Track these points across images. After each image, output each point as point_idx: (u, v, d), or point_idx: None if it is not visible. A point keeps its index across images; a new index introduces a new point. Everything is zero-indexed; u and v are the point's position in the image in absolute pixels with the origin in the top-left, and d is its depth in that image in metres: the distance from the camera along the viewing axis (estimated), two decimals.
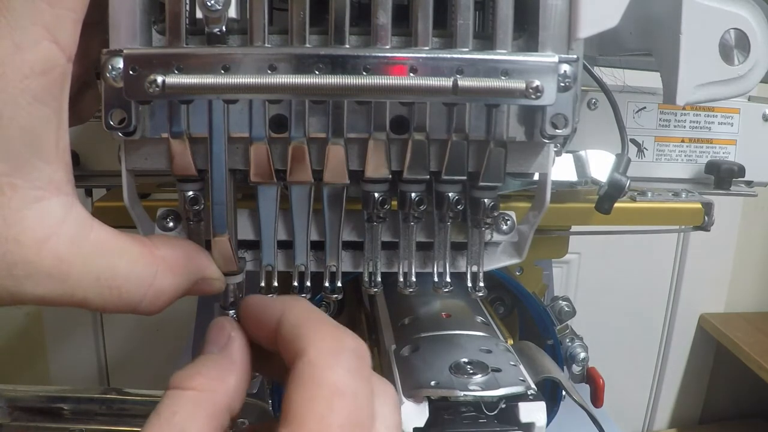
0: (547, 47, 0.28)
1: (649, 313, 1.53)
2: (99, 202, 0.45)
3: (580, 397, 0.40)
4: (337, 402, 0.22)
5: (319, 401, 0.22)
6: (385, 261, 0.36)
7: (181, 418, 0.23)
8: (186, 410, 0.23)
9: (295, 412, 0.22)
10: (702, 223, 0.50)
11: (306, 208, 0.33)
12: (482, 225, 0.34)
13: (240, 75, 0.25)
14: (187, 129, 0.29)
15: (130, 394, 0.44)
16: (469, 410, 0.36)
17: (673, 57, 0.33)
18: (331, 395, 0.22)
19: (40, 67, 0.22)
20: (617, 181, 0.39)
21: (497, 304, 0.55)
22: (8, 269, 0.22)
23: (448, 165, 0.31)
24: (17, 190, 0.22)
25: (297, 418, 0.22)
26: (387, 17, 0.27)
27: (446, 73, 0.26)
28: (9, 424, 0.43)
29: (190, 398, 0.24)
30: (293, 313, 0.25)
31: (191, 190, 0.31)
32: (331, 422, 0.22)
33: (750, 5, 0.33)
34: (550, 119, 0.29)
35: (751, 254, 1.54)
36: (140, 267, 0.25)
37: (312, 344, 0.24)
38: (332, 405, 0.22)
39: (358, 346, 0.25)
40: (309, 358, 0.23)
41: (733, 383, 1.59)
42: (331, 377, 0.23)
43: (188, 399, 0.24)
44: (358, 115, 0.30)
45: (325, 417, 0.22)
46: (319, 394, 0.22)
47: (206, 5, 0.26)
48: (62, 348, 1.33)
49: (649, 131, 0.51)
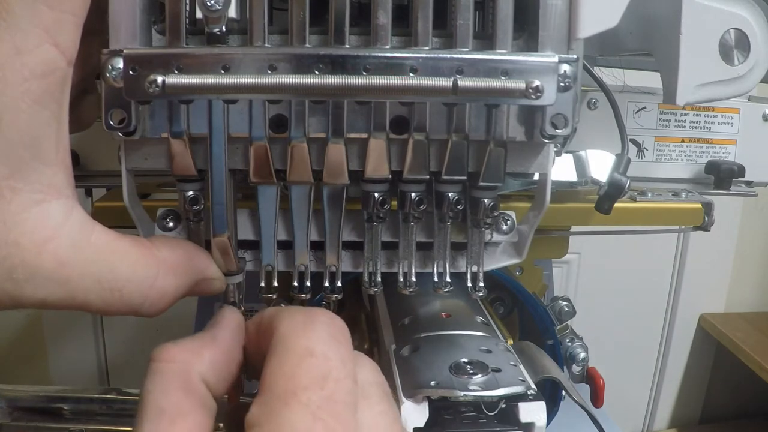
0: (547, 47, 0.28)
1: (649, 313, 1.53)
2: (99, 203, 0.45)
3: (580, 397, 0.40)
4: (306, 361, 0.22)
5: (289, 363, 0.22)
6: (385, 261, 0.36)
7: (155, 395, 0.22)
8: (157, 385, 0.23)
9: (267, 378, 0.22)
10: (702, 223, 0.50)
11: (306, 208, 0.33)
12: (482, 225, 0.34)
13: (240, 75, 0.25)
14: (187, 129, 0.29)
15: (130, 394, 0.44)
16: (469, 410, 0.36)
17: (673, 57, 0.33)
18: (301, 356, 0.22)
19: (40, 70, 0.22)
20: (617, 181, 0.39)
21: (497, 304, 0.55)
22: (8, 273, 0.22)
23: (448, 165, 0.31)
24: (17, 193, 0.22)
25: (268, 382, 0.22)
26: (387, 17, 0.27)
27: (446, 73, 0.26)
28: (9, 424, 0.43)
29: (160, 371, 0.23)
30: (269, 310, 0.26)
31: (191, 190, 0.31)
32: (300, 380, 0.21)
33: (750, 5, 0.33)
34: (550, 119, 0.29)
35: (751, 254, 1.54)
36: (141, 269, 0.25)
37: (283, 321, 0.24)
38: (301, 364, 0.22)
39: (330, 317, 0.24)
40: (280, 331, 0.23)
41: (733, 383, 1.59)
42: (301, 342, 0.23)
43: (159, 372, 0.23)
44: (358, 115, 0.30)
45: (295, 376, 0.21)
46: (288, 358, 0.22)
47: (206, 5, 0.26)
48: (62, 348, 1.33)
49: (649, 131, 0.51)
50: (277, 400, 0.21)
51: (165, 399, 0.22)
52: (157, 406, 0.22)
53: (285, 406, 0.21)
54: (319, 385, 0.21)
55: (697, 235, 0.59)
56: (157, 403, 0.22)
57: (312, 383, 0.21)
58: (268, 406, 0.21)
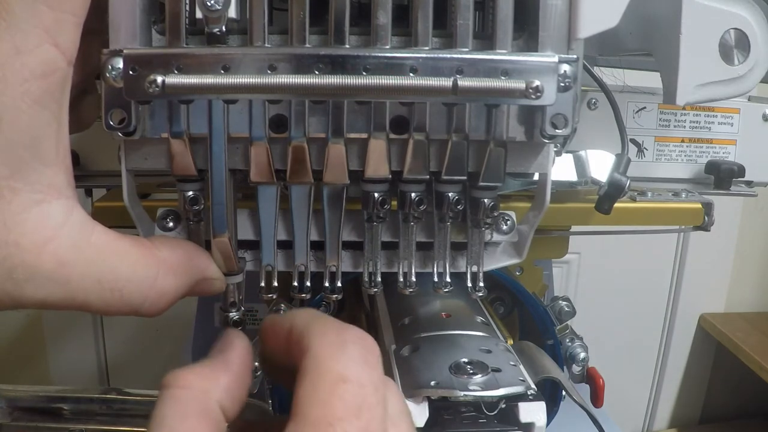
0: (547, 47, 0.28)
1: (649, 313, 1.53)
2: (99, 203, 0.45)
3: (580, 397, 0.40)
4: (341, 388, 0.22)
5: (323, 389, 0.22)
6: (385, 261, 0.36)
7: (171, 420, 0.22)
8: (175, 411, 0.23)
9: (300, 404, 0.22)
10: (702, 223, 0.50)
11: (306, 208, 0.33)
12: (482, 225, 0.34)
13: (240, 75, 0.25)
14: (187, 129, 0.29)
15: (130, 394, 0.44)
16: (469, 410, 0.36)
17: (673, 57, 0.33)
18: (335, 382, 0.22)
19: (40, 70, 0.22)
20: (617, 181, 0.39)
21: (497, 304, 0.55)
22: (8, 273, 0.22)
23: (448, 165, 0.31)
24: (17, 194, 0.22)
25: (302, 409, 0.21)
26: (387, 17, 0.27)
27: (446, 73, 0.26)
28: (9, 424, 0.43)
29: (178, 398, 0.23)
30: (299, 318, 0.25)
31: (191, 190, 0.31)
32: (336, 408, 0.21)
33: (750, 5, 0.33)
34: (550, 119, 0.29)
35: (751, 254, 1.54)
36: (142, 269, 0.25)
37: (315, 340, 0.23)
38: (336, 391, 0.22)
39: (362, 337, 0.24)
40: (312, 352, 0.23)
41: (733, 383, 1.59)
42: (335, 366, 0.22)
43: (177, 399, 0.23)
44: (358, 115, 0.30)
45: (329, 403, 0.21)
46: (322, 384, 0.22)
47: (206, 5, 0.26)
48: (62, 348, 1.33)
49: (649, 131, 0.51)
50: (313, 428, 0.21)
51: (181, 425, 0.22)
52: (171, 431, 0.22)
53: None
54: (355, 414, 0.21)
55: (697, 235, 0.59)
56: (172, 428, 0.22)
57: (347, 414, 0.21)
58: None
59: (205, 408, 0.23)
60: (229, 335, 0.27)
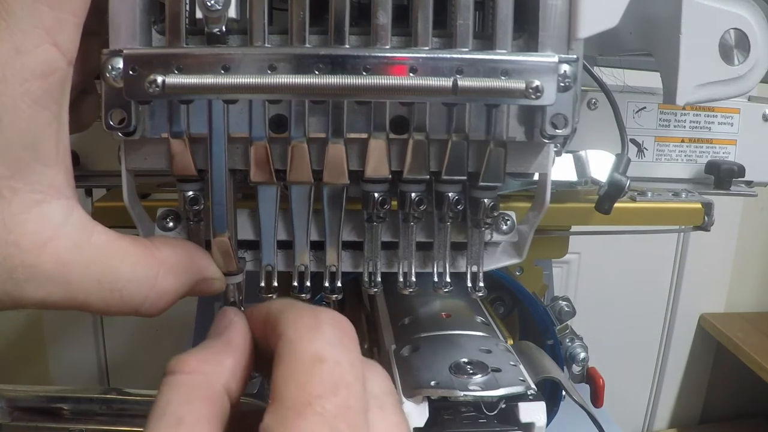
0: (547, 47, 0.28)
1: (649, 313, 1.53)
2: (99, 203, 0.45)
3: (580, 397, 0.40)
4: (317, 368, 0.22)
5: (300, 370, 0.22)
6: (385, 261, 0.36)
7: (176, 405, 0.22)
8: (180, 396, 0.22)
9: (277, 387, 0.21)
10: (702, 223, 0.50)
11: (306, 208, 0.33)
12: (482, 225, 0.34)
13: (240, 75, 0.25)
14: (186, 129, 0.29)
15: (130, 394, 0.44)
16: (469, 410, 0.36)
17: (673, 57, 0.33)
18: (311, 363, 0.22)
19: (40, 70, 0.22)
20: (617, 181, 0.39)
21: (497, 304, 0.55)
22: (9, 273, 0.22)
23: (448, 165, 0.31)
24: (17, 194, 0.22)
25: (280, 391, 0.21)
26: (387, 17, 0.27)
27: (446, 73, 0.26)
28: (9, 424, 0.43)
29: (184, 383, 0.23)
30: (275, 305, 0.25)
31: (191, 190, 0.31)
32: (313, 386, 0.21)
33: (750, 5, 0.33)
34: (550, 119, 0.29)
35: (751, 254, 1.54)
36: (142, 269, 0.25)
37: (290, 324, 0.23)
38: (312, 371, 0.21)
39: (336, 318, 0.24)
40: (288, 336, 0.23)
41: (733, 383, 1.59)
42: (310, 348, 0.22)
43: (182, 384, 0.23)
44: (358, 115, 0.30)
45: (307, 384, 0.21)
46: (298, 365, 0.22)
47: (206, 5, 0.26)
48: (62, 348, 1.33)
49: (649, 131, 0.51)
50: (291, 409, 0.21)
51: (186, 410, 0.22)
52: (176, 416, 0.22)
53: (299, 416, 0.20)
54: (332, 392, 0.21)
55: (697, 235, 0.59)
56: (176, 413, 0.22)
57: (325, 391, 0.21)
58: (283, 416, 0.21)
59: (211, 393, 0.23)
60: (227, 313, 0.27)
